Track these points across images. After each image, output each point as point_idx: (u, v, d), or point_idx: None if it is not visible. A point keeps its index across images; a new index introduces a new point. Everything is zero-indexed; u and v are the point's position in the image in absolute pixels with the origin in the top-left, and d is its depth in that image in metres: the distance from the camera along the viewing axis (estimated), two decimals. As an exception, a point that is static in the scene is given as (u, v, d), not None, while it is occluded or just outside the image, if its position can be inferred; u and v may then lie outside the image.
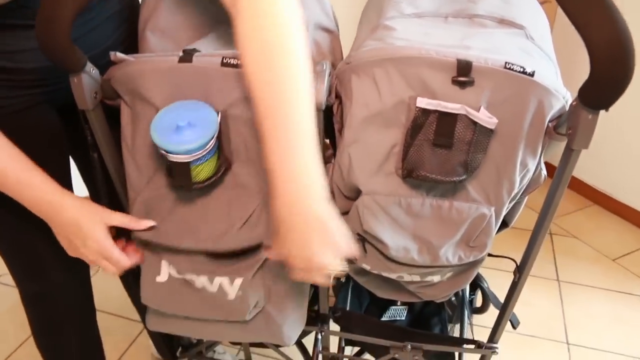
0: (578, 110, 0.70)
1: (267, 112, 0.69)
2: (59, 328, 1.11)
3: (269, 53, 0.68)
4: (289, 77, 0.68)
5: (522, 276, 0.94)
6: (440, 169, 0.77)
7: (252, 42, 0.68)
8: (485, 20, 0.89)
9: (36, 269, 1.01)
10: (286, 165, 0.69)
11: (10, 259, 1.01)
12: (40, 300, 1.08)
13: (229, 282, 0.88)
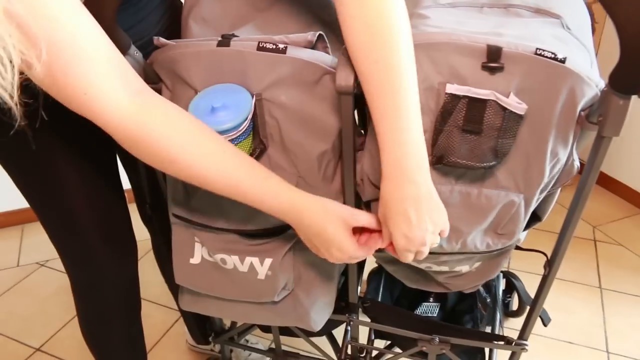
0: (608, 96, 0.69)
1: (377, 91, 0.71)
2: (106, 319, 1.14)
3: (375, 32, 0.70)
4: (396, 55, 0.70)
5: (552, 270, 0.93)
6: (470, 155, 0.77)
7: (357, 22, 0.71)
8: (521, 10, 0.89)
9: (86, 259, 1.04)
10: (397, 145, 0.72)
11: (61, 247, 1.04)
12: (89, 290, 1.10)
13: (259, 262, 0.90)
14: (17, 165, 0.95)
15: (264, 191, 0.77)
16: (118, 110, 0.69)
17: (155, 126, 0.72)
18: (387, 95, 0.71)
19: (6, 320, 1.84)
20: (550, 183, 0.86)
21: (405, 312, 1.26)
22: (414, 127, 0.72)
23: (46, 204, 0.99)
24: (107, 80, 0.68)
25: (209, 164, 0.75)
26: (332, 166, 0.90)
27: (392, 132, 0.72)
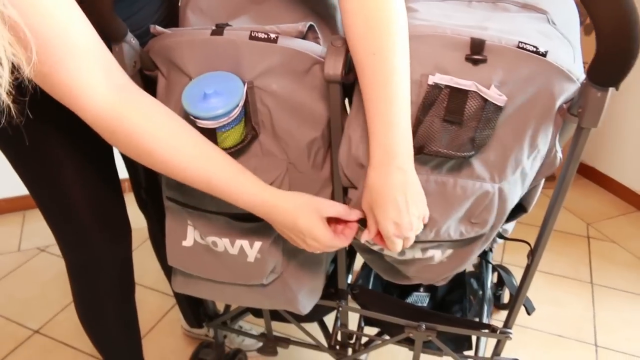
0: (587, 89, 0.71)
1: (371, 82, 0.75)
2: (99, 300, 1.17)
3: (373, 25, 0.73)
4: (391, 49, 0.74)
5: (535, 259, 0.96)
6: (450, 145, 0.80)
7: (357, 16, 0.74)
8: (509, 5, 0.91)
9: (81, 242, 1.07)
10: (387, 134, 0.75)
11: (57, 231, 1.07)
12: (84, 272, 1.13)
13: (249, 245, 0.93)
14: (15, 151, 0.98)
15: (236, 187, 0.81)
16: (99, 103, 0.72)
17: (133, 119, 0.75)
18: (380, 87, 0.74)
19: (6, 303, 1.88)
20: (532, 175, 0.89)
21: (394, 299, 1.28)
22: (404, 118, 0.76)
23: (42, 189, 1.02)
24: (92, 75, 0.71)
25: (183, 158, 0.78)
26: (321, 154, 0.93)
27: (382, 123, 0.75)
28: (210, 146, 0.81)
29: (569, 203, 2.42)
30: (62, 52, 0.68)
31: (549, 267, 2.05)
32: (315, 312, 1.34)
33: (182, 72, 0.91)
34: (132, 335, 1.29)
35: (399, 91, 0.74)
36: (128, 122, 0.75)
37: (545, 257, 2.12)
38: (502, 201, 0.87)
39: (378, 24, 0.73)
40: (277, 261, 0.96)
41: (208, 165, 0.79)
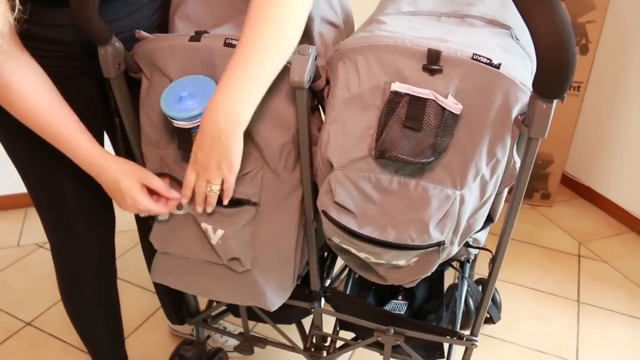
0: (534, 101, 0.75)
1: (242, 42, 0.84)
2: (80, 282, 1.24)
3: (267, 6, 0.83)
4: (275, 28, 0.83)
5: (495, 267, 0.98)
6: (410, 151, 0.83)
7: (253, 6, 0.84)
8: (475, 20, 0.95)
9: (65, 223, 1.14)
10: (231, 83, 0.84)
11: (44, 213, 1.14)
12: (67, 254, 1.20)
13: (212, 230, 0.98)
14: (12, 140, 1.05)
15: (77, 143, 0.95)
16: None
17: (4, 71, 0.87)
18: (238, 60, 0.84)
19: (2, 295, 1.94)
20: (495, 185, 0.92)
21: (366, 304, 1.31)
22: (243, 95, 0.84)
23: (35, 177, 1.09)
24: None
25: (38, 110, 0.92)
26: (292, 157, 0.97)
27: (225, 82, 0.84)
28: (64, 107, 0.94)
29: (562, 221, 2.43)
30: None
31: (536, 283, 2.06)
32: (293, 315, 1.38)
33: (163, 75, 0.96)
34: (113, 322, 1.34)
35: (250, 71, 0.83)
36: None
37: (533, 273, 2.15)
38: (461, 208, 0.90)
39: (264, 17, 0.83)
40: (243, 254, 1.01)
41: (57, 120, 0.93)
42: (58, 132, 0.94)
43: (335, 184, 0.89)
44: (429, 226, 0.88)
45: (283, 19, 0.83)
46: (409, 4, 1.01)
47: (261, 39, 0.82)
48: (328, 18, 1.03)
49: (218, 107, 0.85)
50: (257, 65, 0.83)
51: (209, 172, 0.91)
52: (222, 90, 0.84)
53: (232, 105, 0.84)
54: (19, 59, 0.90)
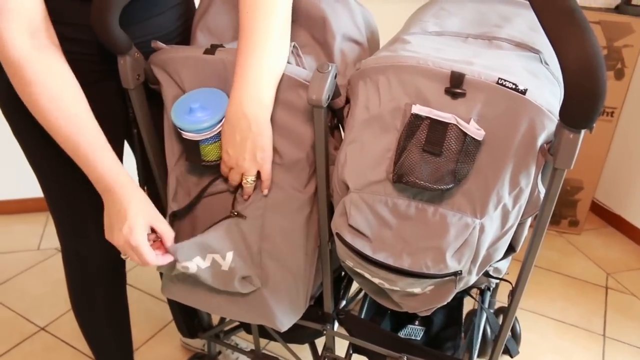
0: (560, 130, 0.71)
1: (243, 26, 0.85)
2: (89, 287, 1.23)
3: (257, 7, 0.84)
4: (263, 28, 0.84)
5: (514, 299, 0.94)
6: (429, 177, 0.80)
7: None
8: (503, 43, 0.92)
9: (79, 229, 1.13)
10: (242, 80, 0.85)
11: (59, 218, 1.14)
12: (77, 259, 1.19)
13: (221, 257, 0.97)
14: (33, 145, 1.05)
15: (99, 157, 0.90)
16: (14, 52, 0.83)
17: (35, 70, 0.84)
18: (246, 42, 0.85)
19: (18, 298, 1.95)
20: (517, 214, 0.88)
21: (380, 329, 1.27)
22: (261, 74, 0.84)
23: (51, 181, 1.08)
24: (16, 32, 0.83)
25: (62, 119, 0.87)
26: (305, 174, 0.95)
27: (240, 69, 0.85)
28: (89, 119, 0.90)
29: (590, 250, 2.35)
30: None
31: (560, 314, 1.99)
32: (305, 335, 1.34)
33: (177, 86, 0.96)
34: (121, 330, 1.33)
35: (259, 57, 0.84)
36: (30, 71, 0.84)
37: (558, 304, 2.07)
38: (481, 237, 0.86)
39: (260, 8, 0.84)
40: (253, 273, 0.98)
41: (81, 131, 0.88)
42: (82, 142, 0.89)
43: (351, 207, 0.86)
44: (446, 255, 0.85)
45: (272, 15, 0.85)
46: (435, 24, 0.99)
47: (258, 18, 0.84)
48: (351, 36, 1.01)
49: (242, 95, 0.85)
50: (263, 39, 0.84)
51: (243, 165, 0.90)
52: (239, 80, 0.85)
53: (254, 88, 0.84)
54: (54, 57, 0.87)
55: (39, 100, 0.86)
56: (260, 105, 0.86)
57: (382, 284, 0.94)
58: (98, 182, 0.92)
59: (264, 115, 0.87)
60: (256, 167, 0.91)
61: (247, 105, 0.85)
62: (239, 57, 0.86)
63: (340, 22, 0.99)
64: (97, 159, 0.90)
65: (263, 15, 0.84)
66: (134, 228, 0.90)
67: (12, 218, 2.45)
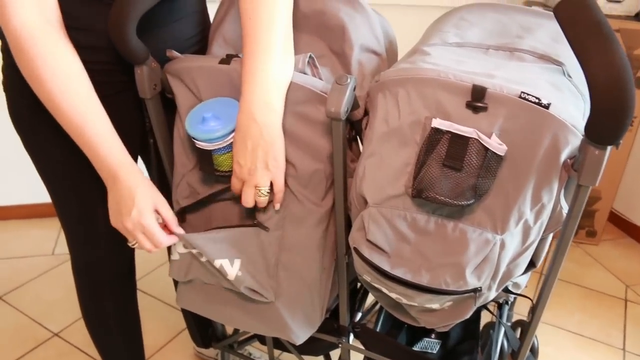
0: (585, 146, 0.69)
1: (246, 34, 0.85)
2: (100, 296, 1.23)
3: None
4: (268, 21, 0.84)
5: (535, 317, 0.92)
6: (450, 192, 0.79)
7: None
8: (525, 55, 0.90)
9: (91, 239, 1.13)
10: (251, 86, 0.84)
11: (70, 228, 1.13)
12: (88, 268, 1.19)
13: (229, 263, 0.96)
14: (45, 161, 1.05)
15: (103, 141, 0.88)
16: (22, 21, 0.81)
17: (44, 48, 0.82)
18: (251, 48, 0.84)
19: (32, 303, 1.95)
20: (539, 230, 0.86)
21: (396, 343, 1.25)
22: (268, 78, 0.83)
23: (64, 191, 1.08)
24: (28, 3, 0.81)
25: (69, 99, 0.85)
26: (322, 187, 0.93)
27: (247, 75, 0.84)
28: (96, 101, 0.88)
29: (608, 261, 2.31)
30: None
31: (578, 327, 1.95)
32: (320, 347, 1.33)
33: (192, 95, 0.95)
34: (132, 338, 1.33)
35: (267, 57, 0.83)
36: (37, 48, 0.82)
37: (576, 316, 2.04)
38: (501, 253, 0.85)
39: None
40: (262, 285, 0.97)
41: (87, 114, 0.86)
42: (87, 125, 0.87)
43: (369, 222, 0.85)
44: (465, 271, 0.83)
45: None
46: (455, 34, 0.97)
47: (261, 22, 0.83)
48: (369, 46, 1.00)
49: (251, 101, 0.83)
50: (267, 43, 0.83)
51: (256, 176, 0.88)
52: (247, 86, 0.84)
53: (263, 93, 0.83)
54: (60, 36, 0.85)
55: (43, 79, 0.83)
56: (270, 109, 0.84)
57: (400, 299, 0.92)
58: (102, 168, 0.91)
59: (274, 121, 0.85)
60: (269, 177, 0.89)
61: (257, 111, 0.84)
62: (245, 64, 0.85)
63: (359, 32, 0.98)
64: (102, 143, 0.88)
65: (265, 20, 0.83)
66: (143, 210, 0.90)
67: (26, 223, 2.46)
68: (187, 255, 0.99)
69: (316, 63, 0.90)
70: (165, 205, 0.95)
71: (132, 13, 0.86)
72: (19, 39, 0.81)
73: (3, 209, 2.46)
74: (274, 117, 0.85)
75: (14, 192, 2.43)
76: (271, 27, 0.83)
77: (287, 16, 0.85)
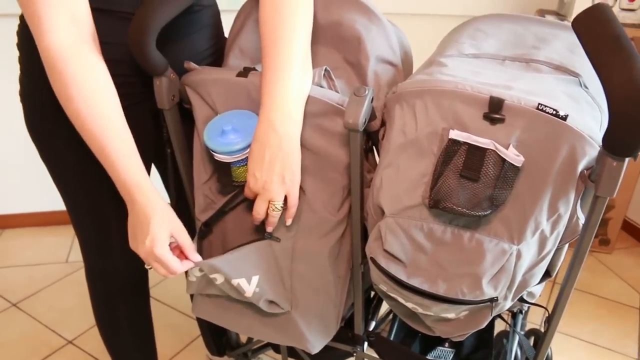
0: (603, 157, 0.70)
1: (267, 44, 0.86)
2: (114, 304, 1.24)
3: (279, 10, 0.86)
4: (288, 32, 0.85)
5: (551, 327, 0.92)
6: (467, 203, 0.79)
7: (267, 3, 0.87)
8: (541, 66, 0.91)
9: (104, 247, 1.14)
10: (271, 96, 0.85)
11: (84, 237, 1.15)
12: (102, 276, 1.21)
13: (247, 281, 0.97)
14: (61, 169, 1.06)
15: (123, 162, 0.88)
16: (55, 40, 0.82)
17: (73, 67, 0.83)
18: (271, 58, 0.85)
19: (47, 311, 1.97)
20: (555, 240, 0.86)
21: (411, 352, 1.25)
22: (289, 88, 0.84)
23: (78, 199, 1.09)
24: (61, 20, 0.82)
25: (94, 117, 0.86)
26: (339, 198, 0.94)
27: (267, 86, 0.85)
28: (121, 121, 0.89)
29: (621, 270, 2.30)
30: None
31: (593, 337, 1.94)
32: (334, 356, 1.33)
33: (209, 107, 0.96)
34: (145, 346, 1.34)
35: (287, 68, 0.84)
36: (69, 67, 0.83)
37: (589, 325, 2.03)
38: (517, 263, 0.85)
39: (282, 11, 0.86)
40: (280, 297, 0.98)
41: (109, 133, 0.87)
42: (106, 147, 0.88)
43: (386, 232, 0.85)
44: (482, 281, 0.83)
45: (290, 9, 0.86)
46: (471, 45, 0.98)
47: (282, 32, 0.85)
48: (385, 57, 1.01)
49: (271, 111, 0.84)
50: (287, 54, 0.84)
51: (271, 189, 0.88)
52: (267, 97, 0.85)
53: (283, 103, 0.84)
54: (93, 53, 0.87)
55: (71, 97, 0.85)
56: (290, 120, 0.85)
57: (416, 309, 0.92)
58: (121, 188, 0.91)
59: (295, 131, 0.86)
60: (284, 191, 0.89)
61: (277, 121, 0.84)
62: (265, 74, 0.86)
63: (375, 43, 0.99)
64: (122, 165, 0.89)
65: (287, 31, 0.85)
66: (157, 241, 0.89)
67: (41, 230, 2.49)
68: (203, 278, 1.00)
69: (332, 76, 0.91)
70: (182, 232, 0.94)
71: (153, 26, 0.87)
72: (53, 58, 0.83)
73: (17, 216, 2.48)
74: (294, 128, 0.85)
75: (28, 199, 2.46)
76: (292, 38, 0.84)
77: (307, 28, 0.86)
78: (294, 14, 0.85)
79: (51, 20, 0.81)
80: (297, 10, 0.86)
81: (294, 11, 0.85)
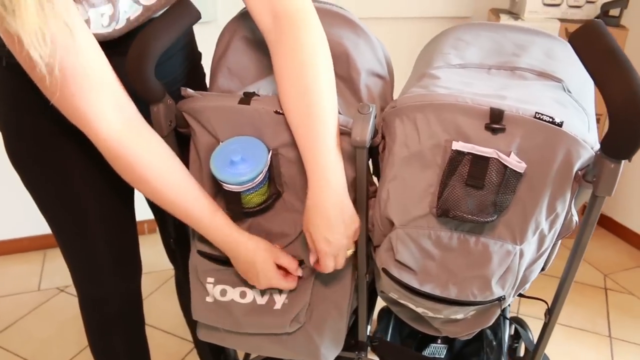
0: (601, 160, 0.75)
1: (301, 124, 0.87)
2: (109, 332, 1.22)
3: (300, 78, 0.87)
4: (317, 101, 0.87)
5: (552, 319, 0.97)
6: (474, 210, 0.83)
7: (287, 71, 0.88)
8: (526, 73, 0.96)
9: (95, 274, 1.13)
10: (321, 164, 0.87)
11: (74, 264, 1.13)
12: (95, 304, 1.19)
13: (278, 291, 0.99)
14: (43, 191, 1.05)
15: (210, 223, 0.94)
16: (108, 132, 0.83)
17: (135, 150, 0.86)
18: (310, 128, 0.87)
19: (24, 343, 1.91)
20: (552, 237, 0.91)
21: (413, 353, 1.29)
22: (332, 150, 0.87)
23: (64, 225, 1.08)
24: (106, 108, 0.83)
25: (171, 192, 0.90)
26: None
27: (315, 156, 0.87)
28: (195, 185, 0.93)
29: (586, 253, 2.42)
30: (87, 86, 0.80)
31: (566, 319, 2.04)
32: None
33: (210, 134, 0.96)
34: None
35: (326, 132, 0.86)
36: (130, 152, 0.85)
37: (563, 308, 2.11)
38: (520, 262, 0.90)
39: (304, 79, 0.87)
40: (303, 307, 1.00)
41: (191, 202, 0.92)
42: (191, 212, 0.93)
43: (397, 243, 0.88)
44: (491, 282, 0.88)
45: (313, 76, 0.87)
46: (456, 55, 1.02)
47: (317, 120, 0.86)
48: (374, 70, 1.04)
49: (324, 190, 0.87)
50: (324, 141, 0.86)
51: (344, 247, 0.92)
52: (316, 176, 0.87)
53: (332, 174, 0.87)
54: (145, 130, 0.89)
55: (146, 179, 0.88)
56: (344, 188, 0.89)
57: (426, 313, 0.96)
58: (219, 245, 0.97)
59: (344, 194, 0.90)
60: (352, 243, 0.94)
61: (334, 197, 0.88)
62: (307, 160, 0.88)
63: (364, 57, 1.01)
64: (212, 227, 0.94)
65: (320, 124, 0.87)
66: (269, 276, 0.97)
67: (7, 259, 2.39)
68: (222, 302, 1.01)
69: None
70: (282, 256, 0.99)
71: (152, 53, 0.87)
72: (112, 148, 0.84)
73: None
74: (343, 197, 0.89)
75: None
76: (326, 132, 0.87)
77: (334, 102, 0.89)
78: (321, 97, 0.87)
79: (95, 110, 0.82)
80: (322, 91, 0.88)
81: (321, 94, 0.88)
